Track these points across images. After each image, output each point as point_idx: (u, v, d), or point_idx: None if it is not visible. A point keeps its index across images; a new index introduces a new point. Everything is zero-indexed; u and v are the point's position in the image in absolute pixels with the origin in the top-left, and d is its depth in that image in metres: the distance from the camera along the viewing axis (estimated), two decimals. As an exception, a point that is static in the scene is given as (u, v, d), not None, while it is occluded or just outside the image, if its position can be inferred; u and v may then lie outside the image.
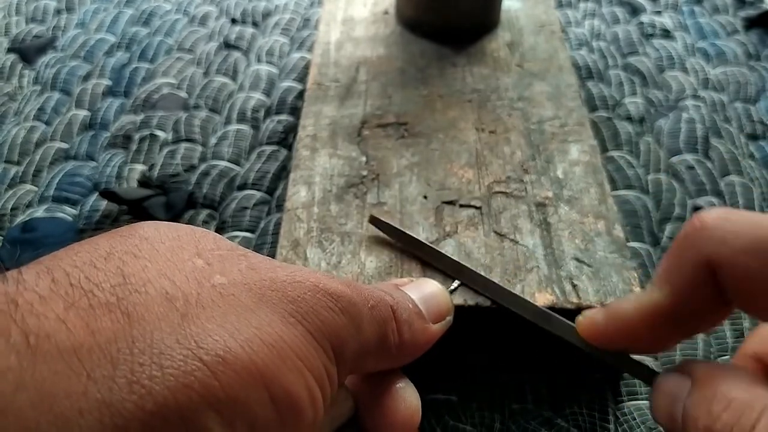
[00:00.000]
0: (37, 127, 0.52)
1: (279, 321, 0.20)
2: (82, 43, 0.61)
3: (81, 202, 0.46)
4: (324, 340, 0.21)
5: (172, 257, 0.21)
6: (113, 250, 0.20)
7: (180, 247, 0.21)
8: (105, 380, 0.16)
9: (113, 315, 0.18)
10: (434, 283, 0.28)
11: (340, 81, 0.46)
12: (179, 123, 0.52)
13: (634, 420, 0.34)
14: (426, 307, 0.27)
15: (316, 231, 0.35)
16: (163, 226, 0.22)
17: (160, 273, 0.20)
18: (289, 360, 0.20)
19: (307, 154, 0.40)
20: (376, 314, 0.23)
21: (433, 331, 0.26)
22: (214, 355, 0.18)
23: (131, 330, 0.18)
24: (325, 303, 0.22)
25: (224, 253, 0.22)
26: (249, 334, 0.19)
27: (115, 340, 0.17)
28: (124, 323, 0.18)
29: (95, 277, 0.19)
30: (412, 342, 0.25)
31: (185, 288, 0.20)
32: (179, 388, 0.17)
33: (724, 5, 0.64)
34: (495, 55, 0.48)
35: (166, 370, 0.17)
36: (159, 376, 0.17)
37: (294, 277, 0.22)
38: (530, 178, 0.38)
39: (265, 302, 0.20)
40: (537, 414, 0.34)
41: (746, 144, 0.50)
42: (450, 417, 0.34)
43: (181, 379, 0.17)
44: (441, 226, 0.35)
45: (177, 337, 0.18)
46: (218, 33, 0.62)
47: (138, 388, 0.17)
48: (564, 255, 0.33)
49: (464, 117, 0.42)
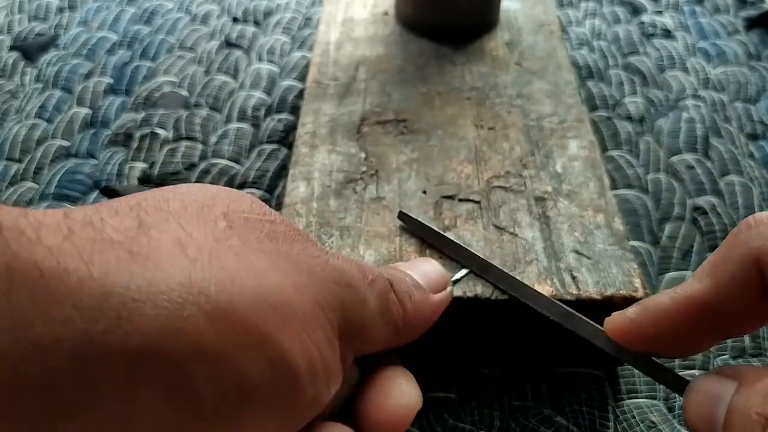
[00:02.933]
0: (38, 125, 0.53)
1: (289, 287, 0.20)
2: (84, 41, 0.61)
3: (81, 199, 0.47)
4: (331, 313, 0.21)
5: (197, 215, 0.20)
6: (142, 202, 0.20)
7: (209, 206, 0.21)
8: (91, 310, 0.16)
9: (115, 251, 0.17)
10: (429, 260, 0.29)
11: (340, 79, 0.46)
12: (180, 121, 0.52)
13: (633, 418, 0.33)
14: (424, 279, 0.27)
15: (315, 225, 0.35)
16: (204, 187, 0.22)
17: (178, 225, 0.19)
18: (292, 327, 0.19)
19: (306, 151, 0.40)
20: (376, 289, 0.23)
21: (434, 300, 0.27)
22: (215, 304, 0.17)
23: (131, 266, 0.17)
24: (333, 277, 0.22)
25: (251, 218, 0.21)
26: (256, 292, 0.18)
27: (109, 274, 0.16)
28: (125, 259, 0.17)
29: (111, 219, 0.18)
30: (415, 313, 0.25)
31: (200, 241, 0.19)
32: (170, 332, 0.16)
33: (725, 5, 0.64)
34: (494, 54, 0.48)
35: (161, 310, 0.16)
36: (151, 315, 0.16)
37: (307, 252, 0.22)
38: (529, 173, 0.38)
39: (277, 269, 0.20)
40: (537, 411, 0.34)
41: (746, 144, 0.50)
42: (449, 415, 0.34)
43: (175, 323, 0.16)
44: (440, 219, 0.35)
45: (180, 279, 0.17)
46: (219, 32, 0.62)
47: (125, 323, 0.16)
48: (563, 247, 0.33)
49: (463, 114, 0.42)
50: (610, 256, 0.33)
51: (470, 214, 0.35)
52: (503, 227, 0.34)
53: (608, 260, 0.32)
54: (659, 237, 0.43)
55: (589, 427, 0.33)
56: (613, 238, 0.33)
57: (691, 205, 0.45)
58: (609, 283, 0.31)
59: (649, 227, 0.44)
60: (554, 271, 0.32)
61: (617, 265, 0.32)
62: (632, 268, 0.32)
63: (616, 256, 0.33)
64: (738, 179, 0.47)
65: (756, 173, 0.47)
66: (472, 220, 0.35)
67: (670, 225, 0.44)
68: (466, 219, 0.35)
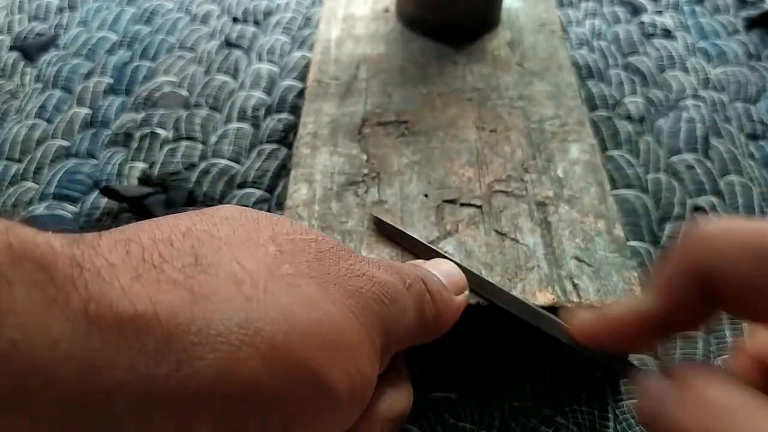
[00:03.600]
0: (38, 125, 0.53)
1: (339, 316, 0.21)
2: (84, 41, 0.61)
3: (81, 199, 0.47)
4: (375, 335, 0.22)
5: (247, 240, 0.21)
6: (193, 228, 0.20)
7: (257, 230, 0.22)
8: (155, 355, 0.16)
9: (178, 291, 0.18)
10: (448, 261, 0.29)
11: (341, 79, 0.46)
12: (180, 121, 0.52)
13: (633, 418, 0.34)
14: (447, 280, 0.28)
15: (317, 229, 0.35)
16: (244, 210, 0.23)
17: (232, 256, 0.20)
18: (340, 359, 0.20)
19: (307, 152, 0.40)
20: (413, 292, 0.25)
21: (458, 301, 0.27)
22: (270, 345, 0.18)
23: (192, 308, 0.18)
24: (379, 296, 0.23)
25: (296, 239, 0.22)
26: (310, 327, 0.19)
27: (174, 315, 0.17)
28: (188, 300, 0.18)
29: (168, 254, 0.19)
30: (444, 312, 0.26)
31: (255, 274, 0.20)
32: (227, 375, 0.17)
33: (725, 5, 0.64)
34: (495, 54, 0.48)
35: (219, 353, 0.17)
36: (210, 359, 0.17)
37: (353, 270, 0.23)
38: (531, 177, 0.38)
39: (328, 296, 0.21)
40: (537, 411, 0.34)
41: (746, 144, 0.50)
42: (449, 415, 0.34)
43: (232, 366, 0.17)
44: (442, 224, 0.35)
45: (238, 320, 0.18)
46: (219, 32, 0.62)
47: (186, 367, 0.17)
48: (564, 254, 0.33)
49: (464, 115, 0.42)
50: (610, 263, 0.33)
51: (472, 219, 0.35)
52: (505, 233, 0.34)
53: (609, 268, 0.32)
54: (659, 237, 0.43)
55: (589, 427, 0.33)
56: (614, 245, 0.34)
57: (691, 205, 0.45)
58: (609, 291, 0.31)
59: (649, 227, 0.44)
60: (555, 279, 0.32)
61: (618, 273, 0.32)
62: (633, 276, 0.32)
63: (617, 263, 0.33)
64: (738, 179, 0.47)
65: (756, 173, 0.47)
66: (474, 225, 0.35)
67: (669, 224, 0.44)
68: (467, 224, 0.35)
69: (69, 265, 0.16)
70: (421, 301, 0.25)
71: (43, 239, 0.16)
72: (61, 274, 0.16)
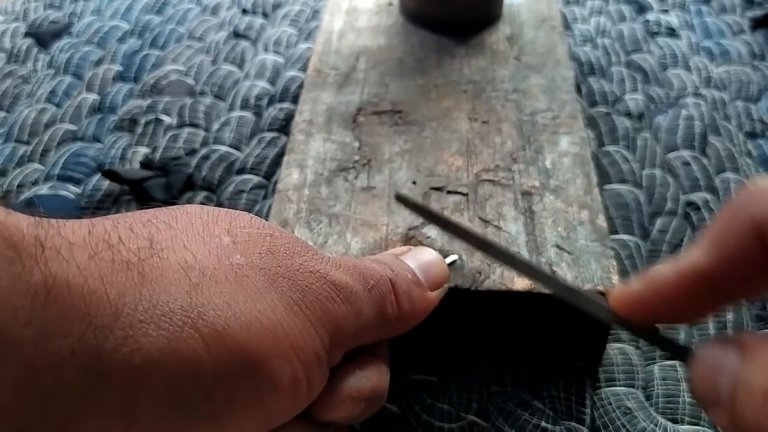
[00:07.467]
0: (47, 109, 0.54)
1: (283, 308, 0.22)
2: (97, 30, 0.63)
3: (84, 181, 0.48)
4: (322, 330, 0.23)
5: (203, 231, 0.22)
6: (154, 219, 0.22)
7: (214, 223, 0.23)
8: (104, 329, 0.18)
9: (130, 273, 0.19)
10: (431, 251, 0.30)
11: (340, 69, 0.47)
12: (184, 108, 0.53)
13: (610, 405, 0.34)
14: (424, 275, 0.28)
15: (305, 212, 0.36)
16: (208, 207, 0.24)
17: (185, 245, 0.21)
18: (282, 348, 0.21)
19: (302, 139, 0.41)
20: (375, 294, 0.25)
21: (431, 298, 0.28)
22: (212, 328, 0.19)
23: (141, 289, 0.19)
24: (330, 294, 0.23)
25: (252, 232, 0.23)
26: (251, 316, 0.21)
27: (123, 294, 0.19)
28: (137, 281, 0.19)
29: (126, 237, 0.20)
30: (410, 311, 0.27)
31: (204, 262, 0.21)
32: (169, 352, 0.19)
33: (732, 5, 0.64)
34: (494, 48, 0.49)
35: (162, 332, 0.19)
36: (154, 336, 0.18)
37: (306, 266, 0.23)
38: (518, 168, 0.38)
39: (274, 288, 0.22)
40: (515, 395, 0.35)
41: (744, 142, 0.50)
42: (428, 396, 0.35)
43: (174, 344, 0.19)
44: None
45: (182, 303, 0.19)
46: (229, 23, 0.63)
47: (131, 342, 0.18)
48: (545, 242, 0.34)
49: (458, 107, 0.43)
50: (591, 252, 0.33)
51: (457, 206, 0.36)
52: (488, 220, 0.35)
53: (588, 256, 0.33)
54: (649, 231, 0.43)
55: (565, 413, 0.34)
56: (596, 234, 0.34)
57: (684, 201, 0.45)
58: (587, 278, 0.32)
59: (639, 221, 0.44)
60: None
61: (597, 261, 0.33)
62: (611, 264, 0.32)
63: (597, 252, 0.33)
64: (734, 176, 0.47)
65: (753, 171, 0.47)
66: (459, 212, 0.35)
67: (661, 219, 0.44)
68: (452, 211, 0.35)
69: (33, 244, 0.18)
70: (382, 302, 0.25)
71: (12, 220, 0.18)
72: (26, 252, 0.17)
